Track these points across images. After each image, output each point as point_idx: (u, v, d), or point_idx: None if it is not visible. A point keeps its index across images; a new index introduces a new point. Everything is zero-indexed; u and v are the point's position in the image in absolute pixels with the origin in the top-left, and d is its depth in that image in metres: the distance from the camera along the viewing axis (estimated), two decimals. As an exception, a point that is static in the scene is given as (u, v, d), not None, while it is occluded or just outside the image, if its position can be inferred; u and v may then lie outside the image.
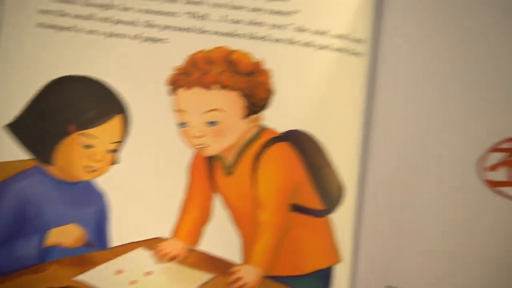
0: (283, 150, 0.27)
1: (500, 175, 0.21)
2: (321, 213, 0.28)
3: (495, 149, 0.21)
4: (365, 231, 0.28)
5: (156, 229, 0.28)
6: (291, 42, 0.26)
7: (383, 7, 0.28)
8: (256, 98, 0.27)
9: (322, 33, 0.26)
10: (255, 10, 0.26)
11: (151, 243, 0.28)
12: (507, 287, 0.22)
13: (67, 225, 0.28)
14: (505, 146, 0.21)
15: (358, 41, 0.27)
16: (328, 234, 0.28)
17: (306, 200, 0.28)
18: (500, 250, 0.22)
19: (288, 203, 0.28)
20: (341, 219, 0.28)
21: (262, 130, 0.27)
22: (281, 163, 0.27)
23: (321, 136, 0.27)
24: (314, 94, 0.27)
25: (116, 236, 0.28)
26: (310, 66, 0.27)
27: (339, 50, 0.27)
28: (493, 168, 0.21)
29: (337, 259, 0.28)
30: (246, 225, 0.28)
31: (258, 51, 0.26)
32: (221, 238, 0.28)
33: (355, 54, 0.27)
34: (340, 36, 0.27)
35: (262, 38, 0.26)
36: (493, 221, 0.22)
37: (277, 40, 0.26)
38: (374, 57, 0.29)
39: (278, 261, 0.27)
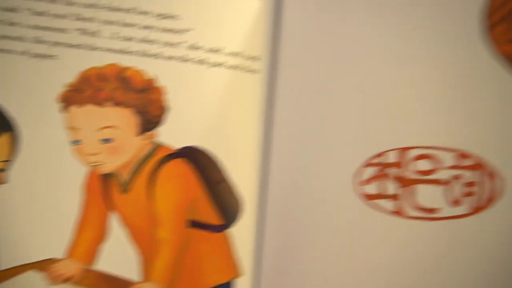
0: (179, 166, 0.27)
1: (373, 188, 0.23)
2: (220, 228, 0.28)
3: (368, 164, 0.23)
4: (267, 244, 0.28)
5: (49, 250, 0.27)
6: (184, 59, 0.27)
7: (281, 24, 0.29)
8: (150, 115, 0.27)
9: (216, 50, 0.27)
10: (147, 27, 0.26)
11: (44, 265, 0.27)
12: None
13: None
14: (376, 161, 0.22)
15: (253, 58, 0.28)
16: (228, 249, 0.28)
17: (204, 216, 0.28)
18: (379, 261, 0.23)
19: (186, 219, 0.28)
20: (241, 233, 0.28)
21: (157, 147, 0.27)
22: (177, 180, 0.28)
23: (218, 152, 0.28)
24: (210, 110, 0.27)
25: (5, 259, 0.27)
26: (205, 83, 0.27)
27: (234, 67, 0.27)
28: (367, 182, 0.23)
29: (237, 273, 0.28)
30: (144, 243, 0.28)
31: (151, 68, 0.26)
32: (118, 256, 0.28)
33: (251, 71, 0.28)
34: (234, 54, 0.27)
35: (155, 55, 0.26)
36: (370, 233, 0.23)
37: (170, 58, 0.26)
38: (273, 73, 0.30)
39: (178, 277, 0.28)
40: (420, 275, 0.22)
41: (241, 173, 0.28)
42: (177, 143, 0.27)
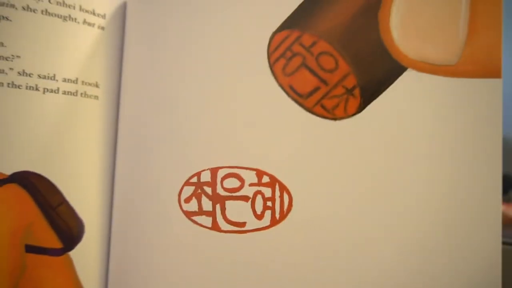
0: (11, 191, 0.27)
1: (192, 206, 0.25)
2: (58, 252, 0.29)
3: (188, 183, 0.25)
4: (112, 265, 0.29)
5: None
6: (13, 86, 0.27)
7: (122, 53, 0.31)
8: (-24, 142, 0.27)
9: (47, 77, 0.28)
10: (-31, 54, 0.26)
11: None
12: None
13: None
14: (193, 180, 0.24)
15: (91, 84, 0.29)
16: (70, 272, 0.29)
17: (41, 240, 0.28)
18: (207, 275, 0.25)
19: (21, 245, 0.28)
20: (84, 256, 0.29)
21: (-14, 173, 0.28)
22: (10, 205, 0.27)
23: (55, 176, 0.28)
24: (44, 135, 0.28)
25: None
26: (37, 109, 0.27)
27: (69, 93, 0.28)
28: (187, 200, 0.25)
29: (81, 296, 0.29)
30: (-26, 273, 0.28)
31: (-25, 95, 0.27)
32: None
33: (89, 97, 0.29)
34: (68, 80, 0.28)
35: (-20, 82, 0.27)
36: (196, 250, 0.25)
37: (-3, 84, 0.27)
38: (116, 98, 0.31)
39: (16, 304, 0.28)
40: (236, 285, 0.24)
41: (82, 196, 0.29)
42: (8, 169, 0.27)
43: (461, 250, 0.22)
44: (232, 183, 0.25)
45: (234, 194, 0.25)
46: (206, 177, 0.25)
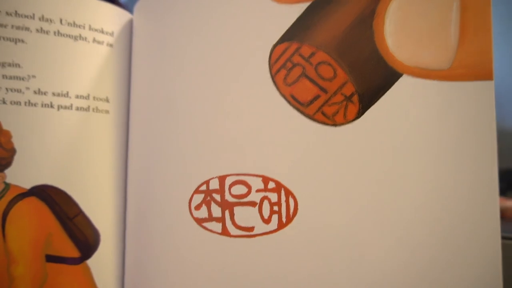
0: (30, 204, 0.29)
1: (203, 213, 0.26)
2: (77, 261, 0.30)
3: (197, 191, 0.26)
4: (128, 272, 0.30)
5: None
6: (30, 104, 0.28)
7: (130, 69, 0.32)
8: (-3, 159, 0.28)
9: (61, 94, 0.29)
10: (-13, 75, 0.28)
11: None
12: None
13: None
14: (203, 188, 0.25)
15: (102, 100, 0.31)
16: (88, 280, 0.30)
17: (60, 250, 0.30)
18: (218, 280, 0.26)
19: (42, 255, 0.29)
20: (101, 263, 0.30)
21: (7, 188, 0.29)
22: (31, 217, 0.29)
23: (71, 188, 0.30)
24: (60, 150, 0.29)
25: None
26: (53, 125, 0.29)
27: (81, 109, 0.30)
28: (198, 207, 0.26)
29: (99, 303, 0.30)
30: (-1, 283, 0.29)
31: (-5, 114, 0.28)
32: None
33: (100, 111, 0.30)
34: (80, 97, 0.30)
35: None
36: (207, 255, 0.26)
37: (15, 103, 0.28)
38: (126, 111, 0.32)
39: (37, 312, 0.29)
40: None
41: (97, 206, 0.31)
42: (28, 183, 0.28)
43: (461, 249, 0.23)
44: (239, 189, 0.26)
45: (242, 200, 0.26)
46: (214, 184, 0.26)
